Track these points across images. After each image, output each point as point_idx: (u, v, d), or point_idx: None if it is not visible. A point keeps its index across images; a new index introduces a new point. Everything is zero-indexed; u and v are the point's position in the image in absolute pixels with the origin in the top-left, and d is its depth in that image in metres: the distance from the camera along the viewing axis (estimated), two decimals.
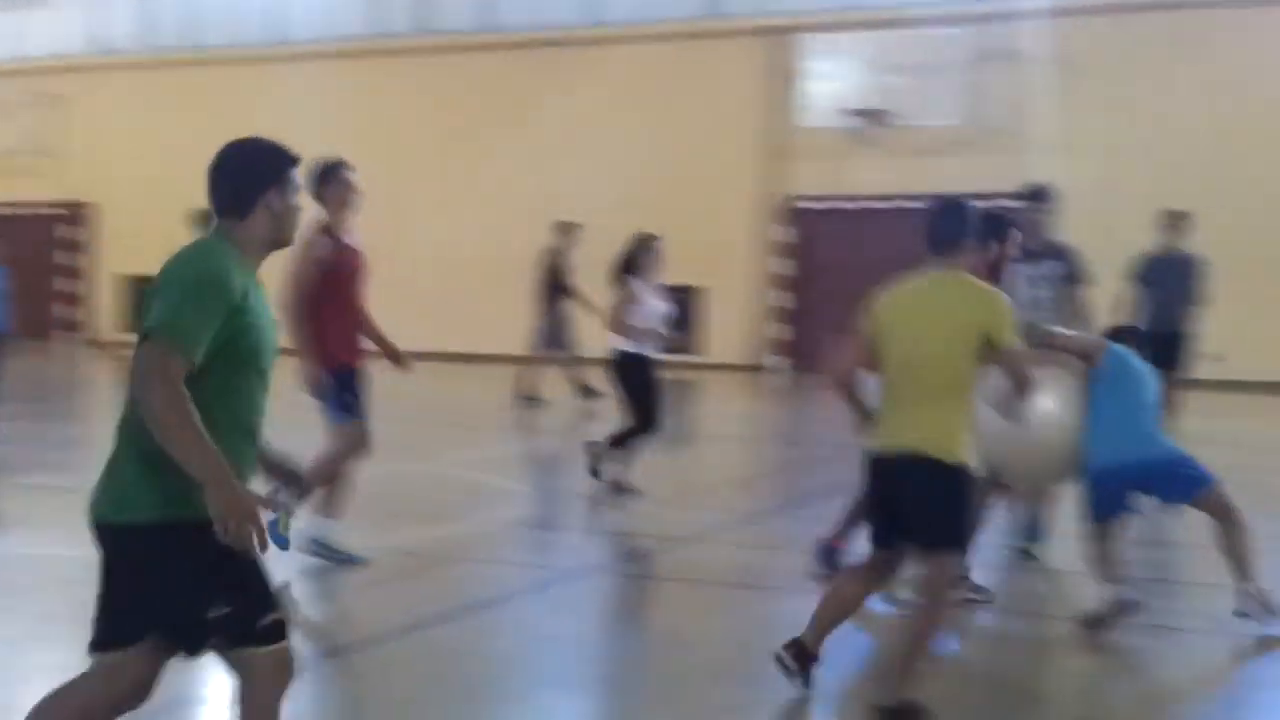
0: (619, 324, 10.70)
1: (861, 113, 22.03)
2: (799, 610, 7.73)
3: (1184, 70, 20.50)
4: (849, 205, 22.69)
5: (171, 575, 3.92)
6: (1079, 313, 9.13)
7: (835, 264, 22.55)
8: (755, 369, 22.93)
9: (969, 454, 5.87)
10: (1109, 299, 11.07)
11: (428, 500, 10.85)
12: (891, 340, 6.02)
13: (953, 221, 6.04)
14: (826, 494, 11.49)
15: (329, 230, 8.16)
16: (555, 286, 17.55)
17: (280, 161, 4.13)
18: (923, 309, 5.99)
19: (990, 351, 5.80)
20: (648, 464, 11.41)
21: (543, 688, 6.37)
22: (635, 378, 10.81)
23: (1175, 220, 13.11)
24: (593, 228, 23.56)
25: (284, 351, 4.51)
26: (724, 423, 17.73)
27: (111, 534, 3.94)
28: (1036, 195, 9.19)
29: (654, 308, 10.73)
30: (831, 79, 22.40)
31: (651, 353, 10.87)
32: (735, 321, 23.17)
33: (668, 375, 11.35)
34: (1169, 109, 20.47)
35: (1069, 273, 9.15)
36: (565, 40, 24.24)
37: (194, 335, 3.78)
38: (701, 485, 12.26)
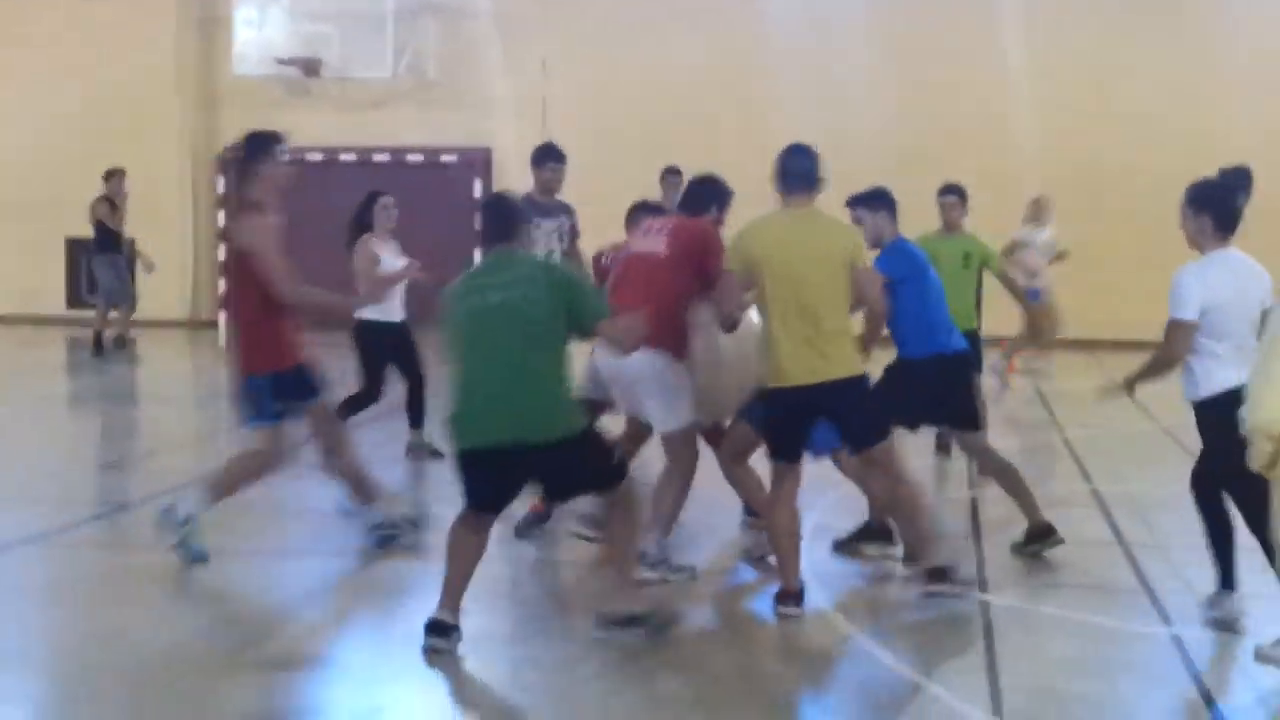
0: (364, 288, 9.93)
1: (293, 62, 21.60)
2: (265, 572, 7.64)
3: (619, 27, 21.27)
4: (286, 157, 22.26)
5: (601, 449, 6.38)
6: (578, 262, 9.86)
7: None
8: (194, 324, 22.16)
9: None
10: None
11: None
12: (774, 278, 6.51)
13: (807, 162, 6.68)
14: None
15: (265, 211, 7.35)
16: (106, 236, 17.57)
17: None
18: (800, 246, 6.53)
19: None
20: (88, 431, 10.75)
21: None
22: (374, 345, 10.20)
23: (670, 176, 13.50)
24: (13, 179, 22.18)
25: None
26: (165, 383, 17.06)
27: (547, 449, 6.00)
28: (551, 155, 9.84)
29: (393, 268, 10.00)
30: (259, 26, 21.79)
31: (397, 318, 10.35)
32: (170, 276, 22.24)
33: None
34: (605, 65, 21.20)
35: (572, 227, 10.00)
36: None
37: None
38: (150, 448, 11.75)
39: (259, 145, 7.56)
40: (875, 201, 7.87)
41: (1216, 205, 6.43)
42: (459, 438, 6.16)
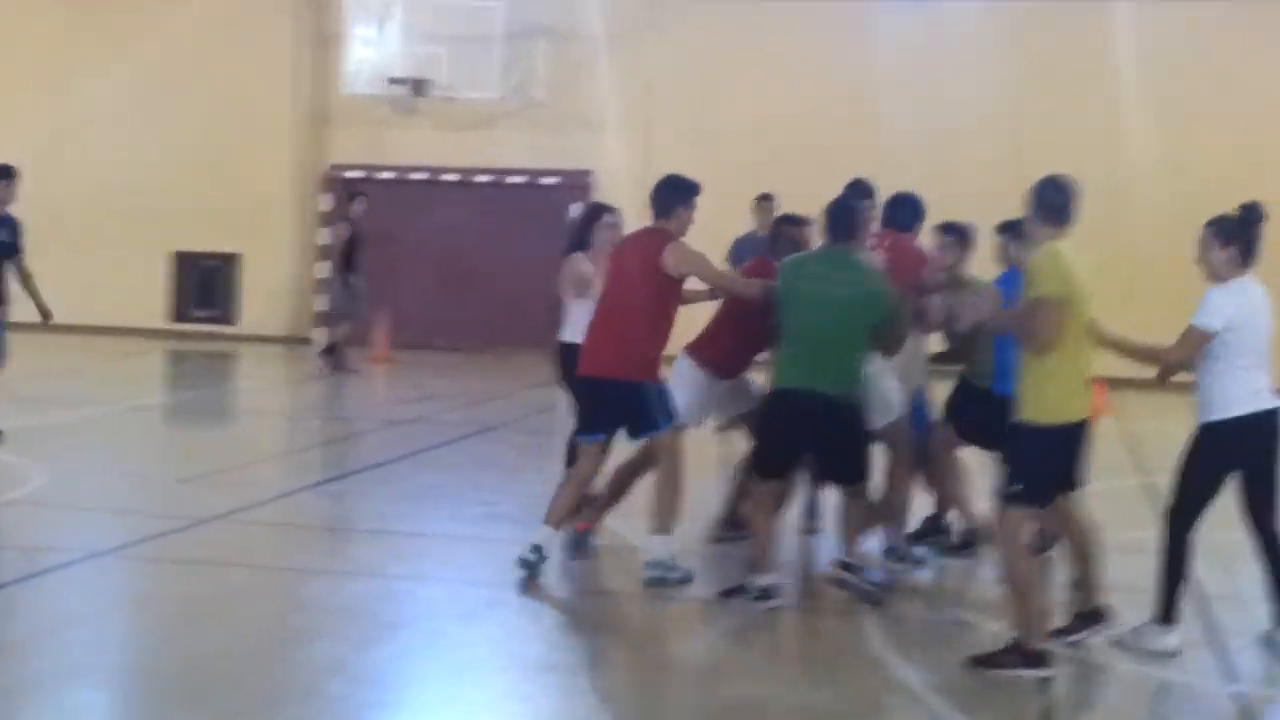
0: None
1: (403, 82, 21.86)
2: (334, 590, 7.71)
3: (726, 52, 21.27)
4: (391, 175, 22.52)
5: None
6: None
7: (376, 235, 22.32)
8: (293, 340, 22.45)
9: None
10: None
11: None
12: (1078, 309, 6.53)
13: (1068, 194, 6.71)
14: (361, 470, 11.46)
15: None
16: (349, 256, 17.92)
17: None
18: (1087, 278, 6.60)
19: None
20: (176, 442, 10.87)
21: (54, 676, 6.07)
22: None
23: (763, 202, 13.50)
24: (127, 192, 22.61)
25: None
26: (261, 397, 17.32)
27: (838, 404, 7.47)
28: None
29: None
30: (373, 45, 22.08)
31: None
32: (276, 292, 22.60)
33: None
34: (710, 90, 21.22)
35: None
36: None
37: None
38: (232, 463, 11.93)
39: (686, 191, 8.15)
40: (960, 237, 8.66)
41: (1243, 239, 6.86)
42: (782, 379, 7.62)
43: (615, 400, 7.95)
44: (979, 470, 8.86)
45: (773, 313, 7.92)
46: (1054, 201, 6.69)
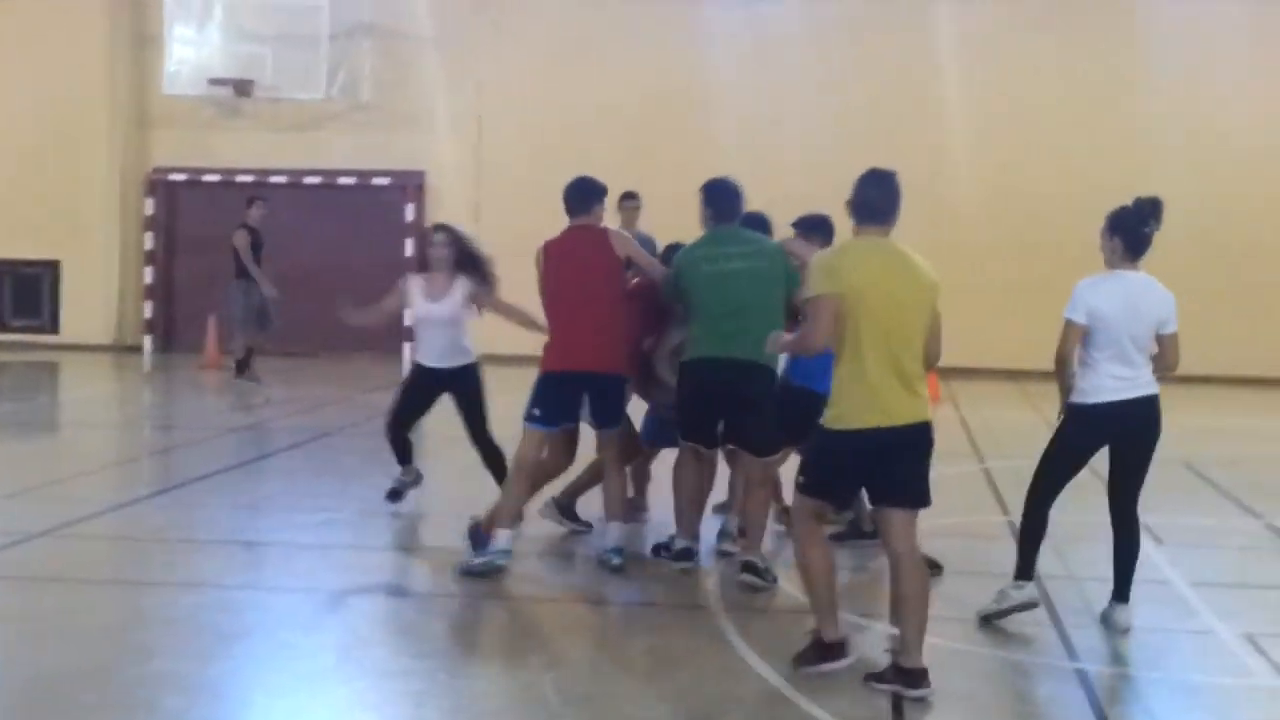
0: None
1: (225, 82, 21.41)
2: (172, 602, 7.51)
3: (556, 50, 21.24)
4: (216, 178, 22.04)
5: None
6: None
7: (199, 238, 21.74)
8: (119, 348, 21.86)
9: None
10: None
11: None
12: (871, 310, 5.97)
13: (888, 190, 6.20)
14: (196, 480, 11.19)
15: None
16: (242, 264, 16.99)
17: None
18: (897, 279, 6.07)
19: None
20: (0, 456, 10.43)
21: None
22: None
23: (626, 201, 13.43)
24: None
25: None
26: (85, 408, 16.83)
27: (753, 368, 7.69)
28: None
29: (426, 312, 9.25)
30: (193, 45, 21.59)
31: (430, 362, 9.53)
32: (95, 298, 21.96)
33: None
34: (541, 88, 21.16)
35: None
36: None
37: None
38: (60, 476, 11.56)
39: (601, 191, 8.54)
40: (812, 229, 8.55)
41: (1127, 230, 7.02)
42: (698, 348, 7.84)
43: (604, 393, 8.20)
44: None
45: (652, 309, 8.35)
46: (865, 198, 6.19)
